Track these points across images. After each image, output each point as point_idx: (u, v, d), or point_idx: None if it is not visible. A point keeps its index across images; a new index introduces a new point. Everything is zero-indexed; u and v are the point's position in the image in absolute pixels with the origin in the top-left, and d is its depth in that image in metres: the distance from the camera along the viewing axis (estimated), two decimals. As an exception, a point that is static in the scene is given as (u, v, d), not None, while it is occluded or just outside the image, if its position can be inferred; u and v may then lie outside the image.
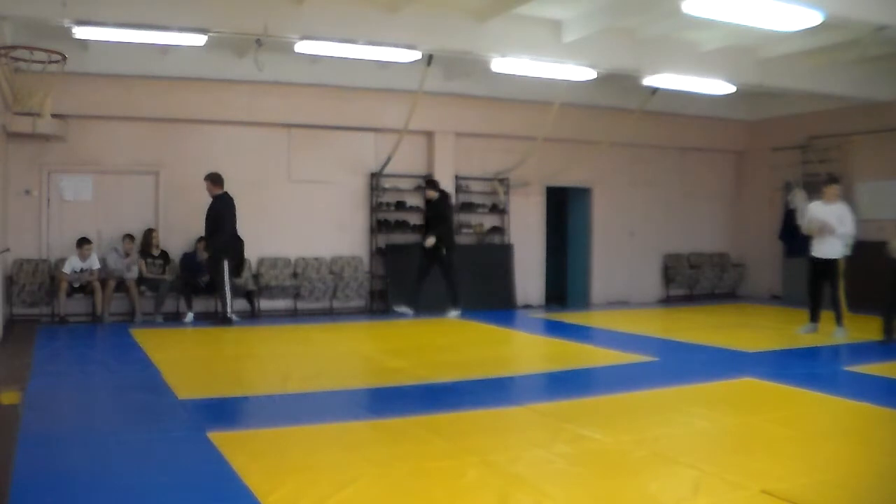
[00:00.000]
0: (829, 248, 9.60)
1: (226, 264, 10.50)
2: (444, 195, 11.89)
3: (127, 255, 10.96)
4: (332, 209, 12.54)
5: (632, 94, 12.39)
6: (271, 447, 4.76)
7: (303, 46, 9.19)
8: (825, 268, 9.66)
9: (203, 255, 10.95)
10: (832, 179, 10.17)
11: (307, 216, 12.36)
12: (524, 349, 10.00)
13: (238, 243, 10.87)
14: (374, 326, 11.44)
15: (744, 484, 4.05)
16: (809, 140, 14.03)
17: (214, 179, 10.72)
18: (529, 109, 12.69)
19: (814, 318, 9.91)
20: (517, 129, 13.12)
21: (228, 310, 10.53)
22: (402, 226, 13.00)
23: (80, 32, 8.31)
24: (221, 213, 10.56)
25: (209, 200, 11.53)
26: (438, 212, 11.70)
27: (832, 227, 9.47)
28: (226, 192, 10.72)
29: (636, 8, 9.15)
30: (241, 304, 11.54)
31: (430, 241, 11.52)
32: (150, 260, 11.08)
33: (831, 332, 9.52)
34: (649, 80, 10.93)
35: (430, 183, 11.95)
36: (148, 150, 11.48)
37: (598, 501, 3.91)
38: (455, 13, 9.41)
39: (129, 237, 11.00)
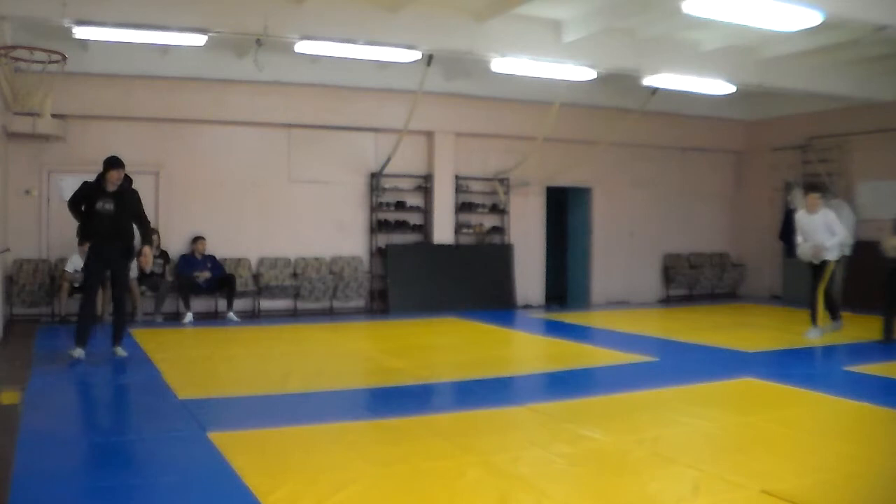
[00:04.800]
0: (820, 251, 9.50)
1: None
2: (131, 180, 8.13)
3: None
4: (332, 209, 12.54)
5: (632, 94, 12.38)
6: (271, 447, 4.76)
7: (303, 46, 9.18)
8: (822, 268, 9.59)
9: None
10: (811, 187, 9.95)
11: (307, 216, 12.36)
12: (524, 349, 10.00)
13: None
14: (374, 326, 11.44)
15: (744, 484, 4.05)
16: (809, 140, 14.02)
17: None
18: (529, 109, 12.69)
19: (835, 316, 9.78)
20: (517, 129, 13.11)
21: None
22: (402, 226, 13.00)
23: (80, 32, 8.30)
24: None
25: (210, 200, 11.56)
26: (135, 206, 8.06)
27: (824, 246, 9.32)
28: None
29: (636, 8, 9.14)
30: (242, 304, 11.55)
31: (147, 257, 8.06)
32: (149, 260, 11.08)
33: (803, 333, 9.46)
34: (649, 80, 10.92)
35: (117, 162, 7.83)
36: (148, 150, 11.46)
37: (598, 501, 3.91)
38: (455, 13, 9.40)
39: (129, 237, 10.99)
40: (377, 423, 5.47)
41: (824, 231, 9.39)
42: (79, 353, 7.61)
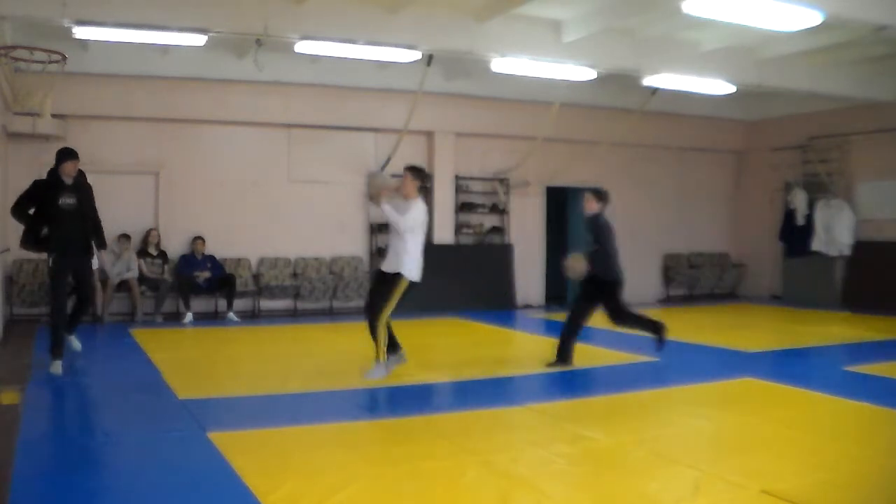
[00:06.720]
0: (393, 259, 7.00)
1: None
2: (83, 173, 7.42)
3: (118, 256, 10.89)
4: (332, 209, 12.54)
5: (632, 94, 12.38)
6: (271, 447, 4.76)
7: (303, 46, 9.18)
8: (381, 282, 7.12)
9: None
10: (413, 169, 7.14)
11: (307, 216, 12.36)
12: (524, 349, 9.99)
13: None
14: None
15: (744, 484, 4.05)
16: (809, 140, 14.02)
17: None
18: (529, 109, 12.69)
19: (393, 348, 7.20)
20: (517, 129, 13.12)
21: None
22: (402, 226, 12.99)
23: (80, 32, 8.30)
24: None
25: (210, 200, 11.54)
26: (91, 201, 7.42)
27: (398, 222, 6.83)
28: None
29: (636, 8, 9.14)
30: (242, 304, 11.55)
31: (104, 260, 7.56)
32: (148, 259, 11.08)
33: (363, 372, 6.95)
34: (649, 80, 10.92)
35: (73, 152, 7.20)
36: (148, 150, 11.47)
37: (598, 501, 3.91)
38: (455, 13, 9.40)
39: (126, 237, 10.96)
40: (377, 423, 5.47)
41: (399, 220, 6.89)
42: (57, 367, 6.97)
